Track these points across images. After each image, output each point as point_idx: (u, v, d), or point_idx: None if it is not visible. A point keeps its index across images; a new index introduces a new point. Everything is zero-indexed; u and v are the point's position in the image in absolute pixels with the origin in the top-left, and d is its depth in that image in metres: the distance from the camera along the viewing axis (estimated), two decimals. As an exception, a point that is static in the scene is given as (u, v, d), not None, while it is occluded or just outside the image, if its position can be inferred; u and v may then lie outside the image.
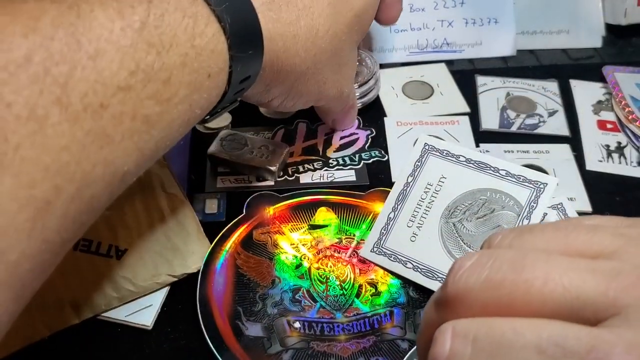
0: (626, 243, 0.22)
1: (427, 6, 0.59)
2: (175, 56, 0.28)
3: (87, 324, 0.38)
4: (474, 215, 0.41)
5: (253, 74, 0.34)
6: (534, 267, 0.21)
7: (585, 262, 0.21)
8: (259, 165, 0.47)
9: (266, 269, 0.41)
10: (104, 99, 0.25)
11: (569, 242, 0.23)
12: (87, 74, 0.25)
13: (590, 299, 0.20)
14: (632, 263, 0.21)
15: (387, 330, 0.38)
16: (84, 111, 0.24)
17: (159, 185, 0.43)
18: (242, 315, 0.38)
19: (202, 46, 0.29)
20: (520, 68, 0.59)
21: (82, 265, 0.39)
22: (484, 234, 0.41)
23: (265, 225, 0.43)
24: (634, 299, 0.20)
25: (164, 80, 0.27)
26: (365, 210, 0.45)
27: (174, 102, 0.28)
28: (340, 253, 0.42)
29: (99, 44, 0.25)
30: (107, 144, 0.26)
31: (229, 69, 0.32)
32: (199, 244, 0.41)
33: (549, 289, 0.20)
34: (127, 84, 0.26)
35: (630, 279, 0.20)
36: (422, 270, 0.40)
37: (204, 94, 0.30)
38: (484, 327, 0.21)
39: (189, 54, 0.28)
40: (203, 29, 0.29)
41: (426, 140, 0.44)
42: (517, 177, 0.42)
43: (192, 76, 0.29)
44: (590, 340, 0.19)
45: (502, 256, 0.22)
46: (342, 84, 0.42)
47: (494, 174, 0.42)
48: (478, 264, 0.22)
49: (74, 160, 0.24)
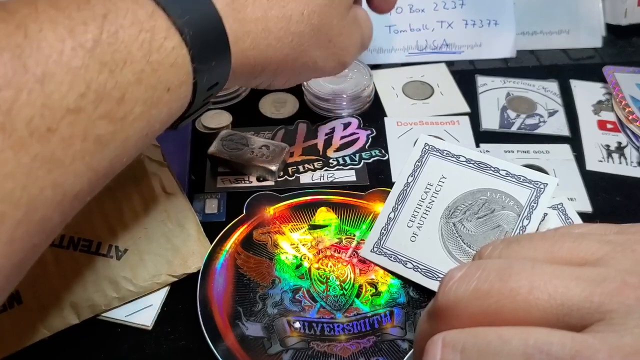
0: (612, 249, 0.22)
1: (427, 7, 0.59)
2: (130, 74, 0.27)
3: (87, 324, 0.38)
4: (474, 215, 0.41)
5: (221, 80, 0.33)
6: (519, 276, 0.21)
7: (570, 269, 0.21)
8: (259, 165, 0.47)
9: (266, 269, 0.41)
10: (52, 123, 0.24)
11: (555, 250, 0.23)
12: (34, 98, 0.24)
13: (575, 305, 0.20)
14: (617, 269, 0.21)
15: (387, 331, 0.38)
16: (30, 136, 0.24)
17: (158, 185, 0.43)
18: (242, 315, 0.38)
19: (159, 61, 0.28)
20: (520, 68, 0.59)
21: (82, 265, 0.39)
22: (484, 234, 0.41)
23: (265, 225, 0.43)
24: (618, 304, 0.20)
25: (118, 99, 0.26)
26: (366, 210, 0.45)
27: (129, 120, 0.27)
28: (341, 253, 0.42)
29: (47, 66, 0.24)
30: (56, 167, 0.25)
31: (193, 79, 0.30)
32: (199, 244, 0.41)
33: (534, 296, 0.21)
34: (78, 106, 0.25)
35: (615, 284, 0.20)
36: (422, 270, 0.40)
37: (164, 108, 0.29)
38: (472, 337, 0.21)
39: (145, 70, 0.27)
40: (162, 43, 0.28)
41: (426, 140, 0.44)
42: (517, 177, 0.42)
43: (149, 92, 0.28)
44: (575, 345, 0.19)
45: (490, 266, 0.22)
46: (340, 55, 0.40)
47: (494, 174, 0.42)
48: (467, 274, 0.22)
49: (19, 186, 0.24)
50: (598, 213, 0.45)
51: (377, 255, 0.41)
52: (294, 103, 0.54)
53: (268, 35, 0.34)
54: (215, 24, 0.31)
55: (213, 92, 0.33)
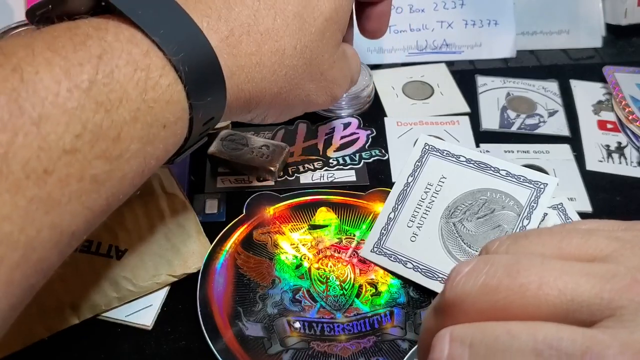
0: (621, 246, 0.22)
1: (427, 7, 0.59)
2: (126, 112, 0.27)
3: (87, 325, 0.38)
4: (475, 215, 0.41)
5: (217, 115, 0.33)
6: (528, 272, 0.21)
7: (580, 265, 0.21)
8: (259, 166, 0.47)
9: (266, 269, 0.41)
10: (48, 165, 0.24)
11: (563, 246, 0.23)
12: (30, 140, 0.24)
13: (585, 301, 0.20)
14: (627, 265, 0.21)
15: (388, 331, 0.38)
16: (27, 179, 0.24)
17: (158, 185, 0.43)
18: (242, 316, 0.38)
19: (155, 98, 0.28)
20: (520, 68, 0.59)
21: (81, 265, 0.39)
22: (484, 234, 0.41)
23: (265, 225, 0.43)
24: (628, 300, 0.20)
25: (114, 138, 0.26)
26: (366, 210, 0.45)
27: (125, 158, 0.27)
28: (341, 253, 0.42)
29: (44, 108, 0.24)
30: (52, 208, 0.25)
31: (189, 115, 0.30)
32: (199, 244, 0.41)
33: (544, 292, 0.21)
34: (74, 146, 0.25)
35: (625, 281, 0.20)
36: (423, 270, 0.40)
37: (160, 145, 0.29)
38: (480, 331, 0.21)
39: (140, 108, 0.27)
40: (157, 81, 0.28)
41: (426, 140, 0.44)
42: (517, 177, 0.42)
43: (145, 130, 0.28)
44: (585, 341, 0.19)
45: (497, 262, 0.22)
46: (331, 88, 0.40)
47: (494, 174, 0.42)
48: (475, 269, 0.22)
49: (16, 229, 0.23)
50: (598, 213, 0.45)
51: (377, 255, 0.41)
52: (294, 103, 0.54)
53: (262, 68, 0.34)
54: (210, 60, 0.31)
55: (209, 126, 0.33)
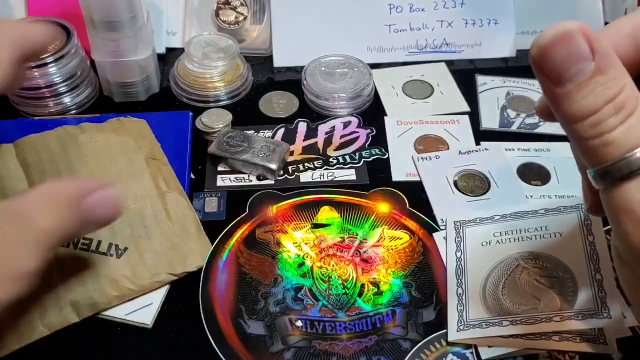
0: None
1: (427, 6, 0.59)
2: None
3: (87, 323, 0.38)
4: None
5: None
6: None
7: None
8: (259, 164, 0.46)
9: (269, 268, 0.40)
10: None
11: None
12: None
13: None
14: None
15: (389, 330, 0.38)
16: None
17: (159, 184, 0.43)
18: (244, 314, 0.38)
19: None
20: (520, 67, 0.59)
21: (81, 263, 0.38)
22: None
23: (268, 223, 0.43)
24: None
25: None
26: (368, 209, 0.44)
27: None
28: (343, 252, 0.42)
29: None
30: None
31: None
32: (199, 242, 0.41)
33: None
34: None
35: None
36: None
37: None
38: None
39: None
40: None
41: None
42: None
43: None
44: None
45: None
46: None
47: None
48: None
49: None
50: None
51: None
52: (294, 102, 0.54)
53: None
54: None
55: None
